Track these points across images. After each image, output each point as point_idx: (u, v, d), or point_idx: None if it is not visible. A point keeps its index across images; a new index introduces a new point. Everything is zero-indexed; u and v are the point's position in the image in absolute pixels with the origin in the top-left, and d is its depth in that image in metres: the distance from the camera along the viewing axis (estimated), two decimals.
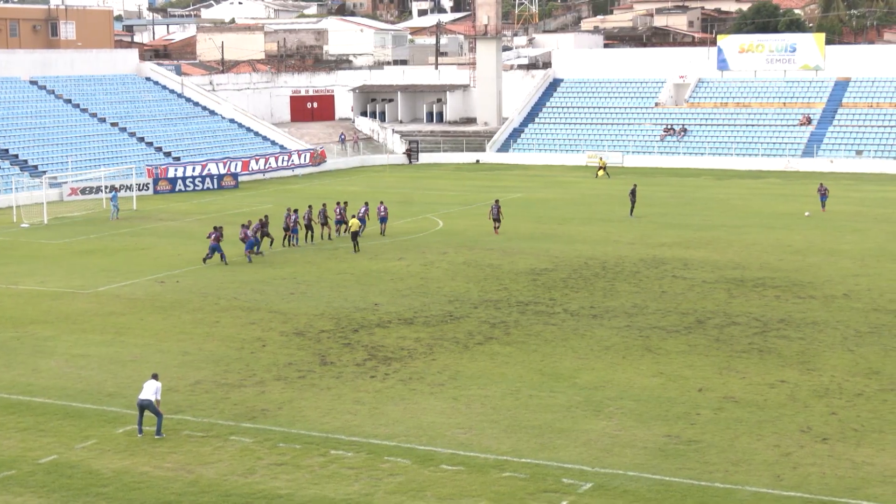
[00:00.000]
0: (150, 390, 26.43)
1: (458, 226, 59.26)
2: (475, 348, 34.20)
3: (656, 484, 23.33)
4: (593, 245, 52.47)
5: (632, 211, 61.95)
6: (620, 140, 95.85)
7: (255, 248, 50.20)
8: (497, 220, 56.39)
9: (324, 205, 56.11)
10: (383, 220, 56.92)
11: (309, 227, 54.09)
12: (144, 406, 26.44)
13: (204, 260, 48.47)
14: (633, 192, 62.55)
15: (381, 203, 58.08)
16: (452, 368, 32.00)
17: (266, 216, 53.19)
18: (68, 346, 35.14)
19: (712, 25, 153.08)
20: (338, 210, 55.60)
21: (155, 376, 26.99)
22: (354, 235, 51.50)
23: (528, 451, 25.34)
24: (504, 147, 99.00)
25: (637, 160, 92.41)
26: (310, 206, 55.77)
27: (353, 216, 53.69)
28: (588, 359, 32.92)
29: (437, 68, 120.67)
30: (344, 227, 54.67)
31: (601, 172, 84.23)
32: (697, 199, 69.94)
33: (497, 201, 57.51)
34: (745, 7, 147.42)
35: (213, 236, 48.64)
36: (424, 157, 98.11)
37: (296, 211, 53.96)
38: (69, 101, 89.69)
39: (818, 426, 26.76)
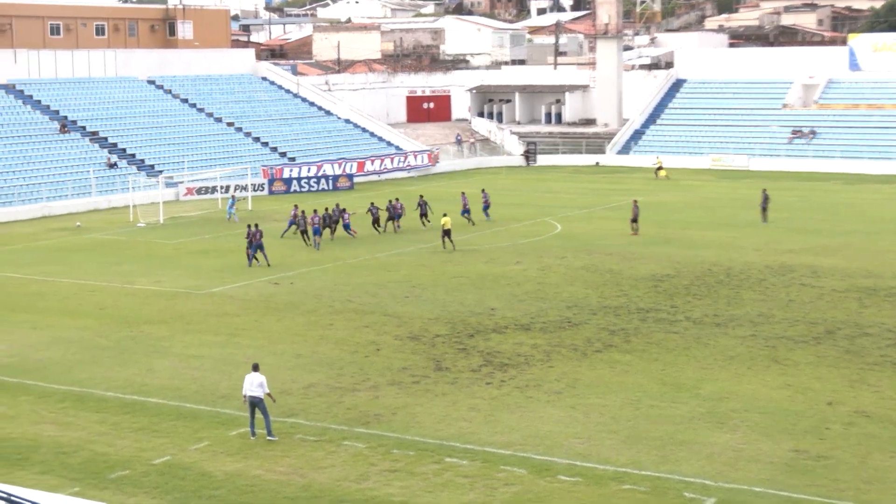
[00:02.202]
0: (256, 384, 26.04)
1: (577, 229, 58.40)
2: (594, 356, 33.41)
3: (783, 501, 22.41)
4: (717, 250, 51.15)
5: (765, 217, 60.07)
6: (746, 142, 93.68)
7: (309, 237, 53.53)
8: (635, 220, 55.77)
9: (371, 203, 59.21)
10: (467, 211, 59.72)
11: (380, 220, 57.61)
12: (255, 403, 26.08)
13: (249, 264, 48.74)
14: (765, 199, 60.61)
15: (463, 193, 61.58)
16: (570, 376, 31.28)
17: (340, 206, 56.70)
18: (183, 347, 35.27)
19: (843, 24, 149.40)
20: (389, 206, 58.33)
21: (255, 367, 26.47)
22: (446, 233, 51.82)
23: (648, 463, 24.52)
24: (625, 149, 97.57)
25: (763, 163, 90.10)
26: (386, 204, 58.85)
27: (445, 213, 53.67)
28: (711, 369, 31.91)
29: (555, 68, 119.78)
30: (395, 222, 58.02)
31: (663, 172, 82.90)
32: (827, 205, 67.94)
33: (635, 201, 57.09)
34: (877, 5, 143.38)
35: (249, 236, 48.66)
36: (542, 159, 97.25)
37: (303, 212, 55.73)
38: (186, 100, 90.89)
39: None
